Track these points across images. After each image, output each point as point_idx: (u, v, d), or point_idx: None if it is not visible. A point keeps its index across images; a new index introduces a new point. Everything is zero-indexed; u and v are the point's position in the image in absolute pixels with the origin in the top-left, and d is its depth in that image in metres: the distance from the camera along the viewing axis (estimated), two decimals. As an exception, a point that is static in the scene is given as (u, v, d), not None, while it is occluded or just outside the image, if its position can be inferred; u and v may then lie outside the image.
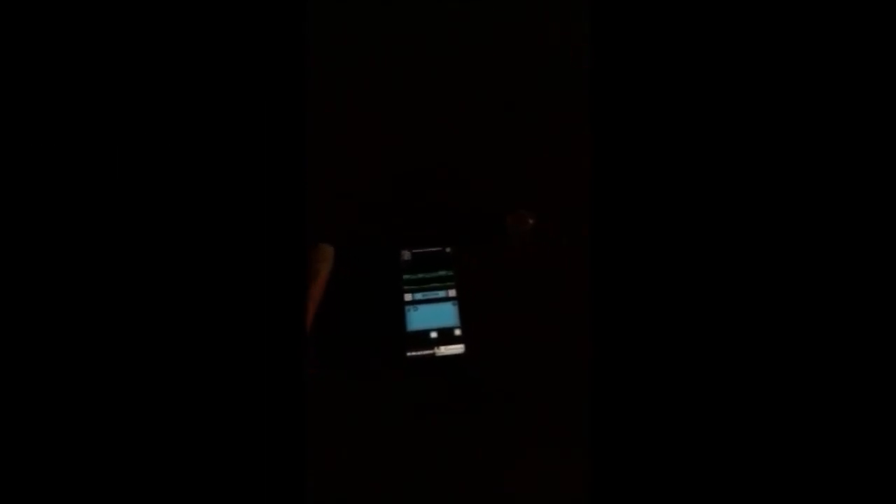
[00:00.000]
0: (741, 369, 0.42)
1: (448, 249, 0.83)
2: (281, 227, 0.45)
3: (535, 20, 0.95)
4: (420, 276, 0.81)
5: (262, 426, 0.42)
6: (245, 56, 0.45)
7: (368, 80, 0.92)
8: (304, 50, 0.47)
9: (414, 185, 0.85)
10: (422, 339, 0.76)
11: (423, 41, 0.95)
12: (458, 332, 0.77)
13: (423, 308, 0.79)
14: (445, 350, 0.76)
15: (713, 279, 0.43)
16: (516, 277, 0.79)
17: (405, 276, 0.81)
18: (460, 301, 0.79)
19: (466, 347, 0.76)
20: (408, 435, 0.70)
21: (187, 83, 0.44)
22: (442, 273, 0.81)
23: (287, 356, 0.45)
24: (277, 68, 0.45)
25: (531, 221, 0.78)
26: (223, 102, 0.44)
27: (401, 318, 0.78)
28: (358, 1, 0.97)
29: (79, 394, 0.40)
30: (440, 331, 0.77)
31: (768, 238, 0.42)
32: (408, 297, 0.79)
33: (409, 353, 0.76)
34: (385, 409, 0.72)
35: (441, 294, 0.80)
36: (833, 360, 0.40)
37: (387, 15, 0.97)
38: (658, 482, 0.42)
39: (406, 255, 0.82)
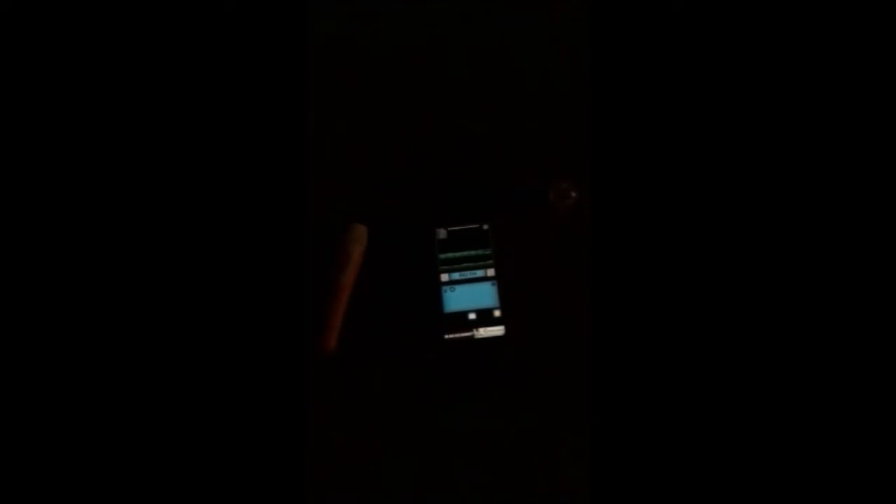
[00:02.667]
0: (741, 369, 0.42)
1: (486, 226, 0.78)
2: (281, 226, 0.46)
3: (536, 20, 0.95)
4: (457, 255, 0.77)
5: (261, 424, 0.43)
6: (245, 56, 0.45)
7: (368, 80, 0.92)
8: (304, 50, 0.47)
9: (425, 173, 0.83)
10: (460, 320, 0.73)
11: (423, 41, 0.95)
12: (497, 313, 0.73)
13: (460, 289, 0.75)
14: (485, 332, 0.73)
15: (713, 278, 0.43)
16: (520, 274, 0.79)
17: (441, 256, 0.77)
18: (499, 280, 0.75)
19: (507, 329, 0.73)
20: (408, 434, 0.70)
21: (188, 83, 0.44)
22: (480, 252, 0.77)
23: (287, 353, 0.45)
24: (277, 68, 0.45)
25: (574, 195, 0.75)
26: (224, 102, 0.44)
27: (437, 300, 0.74)
28: (358, 1, 0.97)
29: (78, 392, 0.40)
30: (479, 312, 0.74)
31: (767, 238, 0.43)
32: (444, 277, 0.75)
33: (447, 336, 0.73)
34: (385, 407, 0.72)
35: (479, 273, 0.76)
36: (832, 358, 0.40)
37: (387, 15, 0.97)
38: (658, 481, 0.42)
39: (441, 233, 0.78)
